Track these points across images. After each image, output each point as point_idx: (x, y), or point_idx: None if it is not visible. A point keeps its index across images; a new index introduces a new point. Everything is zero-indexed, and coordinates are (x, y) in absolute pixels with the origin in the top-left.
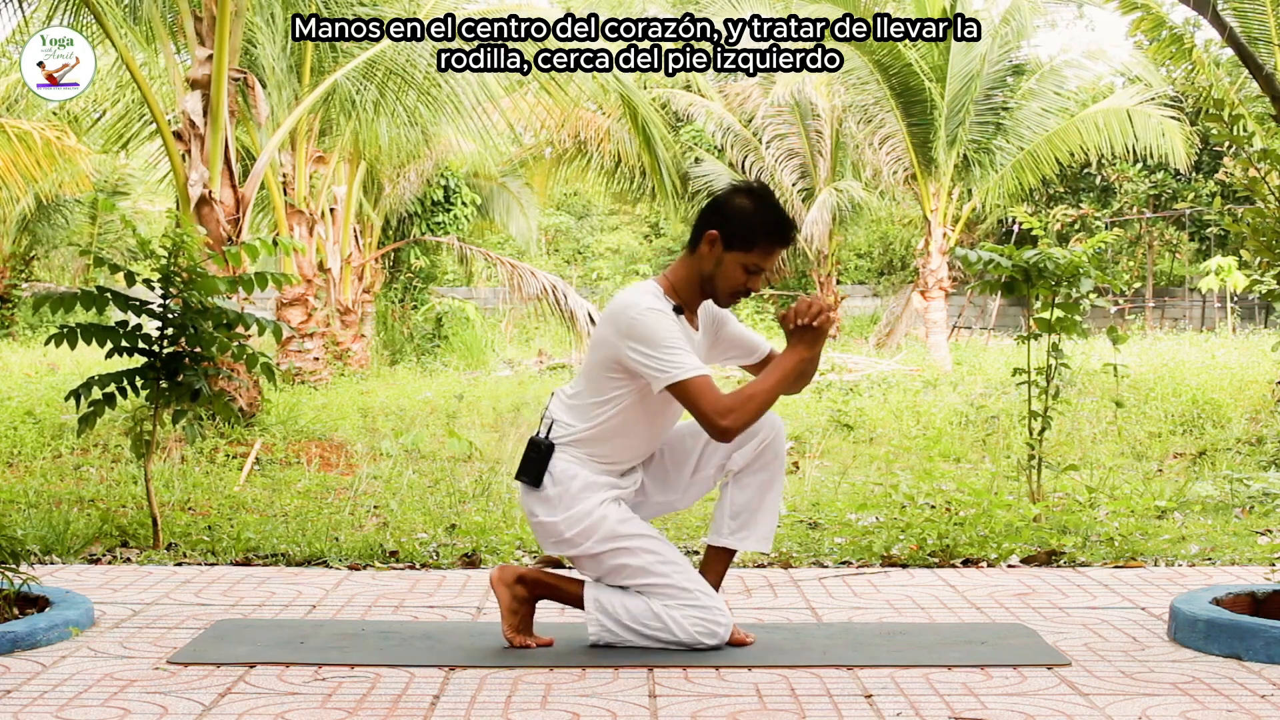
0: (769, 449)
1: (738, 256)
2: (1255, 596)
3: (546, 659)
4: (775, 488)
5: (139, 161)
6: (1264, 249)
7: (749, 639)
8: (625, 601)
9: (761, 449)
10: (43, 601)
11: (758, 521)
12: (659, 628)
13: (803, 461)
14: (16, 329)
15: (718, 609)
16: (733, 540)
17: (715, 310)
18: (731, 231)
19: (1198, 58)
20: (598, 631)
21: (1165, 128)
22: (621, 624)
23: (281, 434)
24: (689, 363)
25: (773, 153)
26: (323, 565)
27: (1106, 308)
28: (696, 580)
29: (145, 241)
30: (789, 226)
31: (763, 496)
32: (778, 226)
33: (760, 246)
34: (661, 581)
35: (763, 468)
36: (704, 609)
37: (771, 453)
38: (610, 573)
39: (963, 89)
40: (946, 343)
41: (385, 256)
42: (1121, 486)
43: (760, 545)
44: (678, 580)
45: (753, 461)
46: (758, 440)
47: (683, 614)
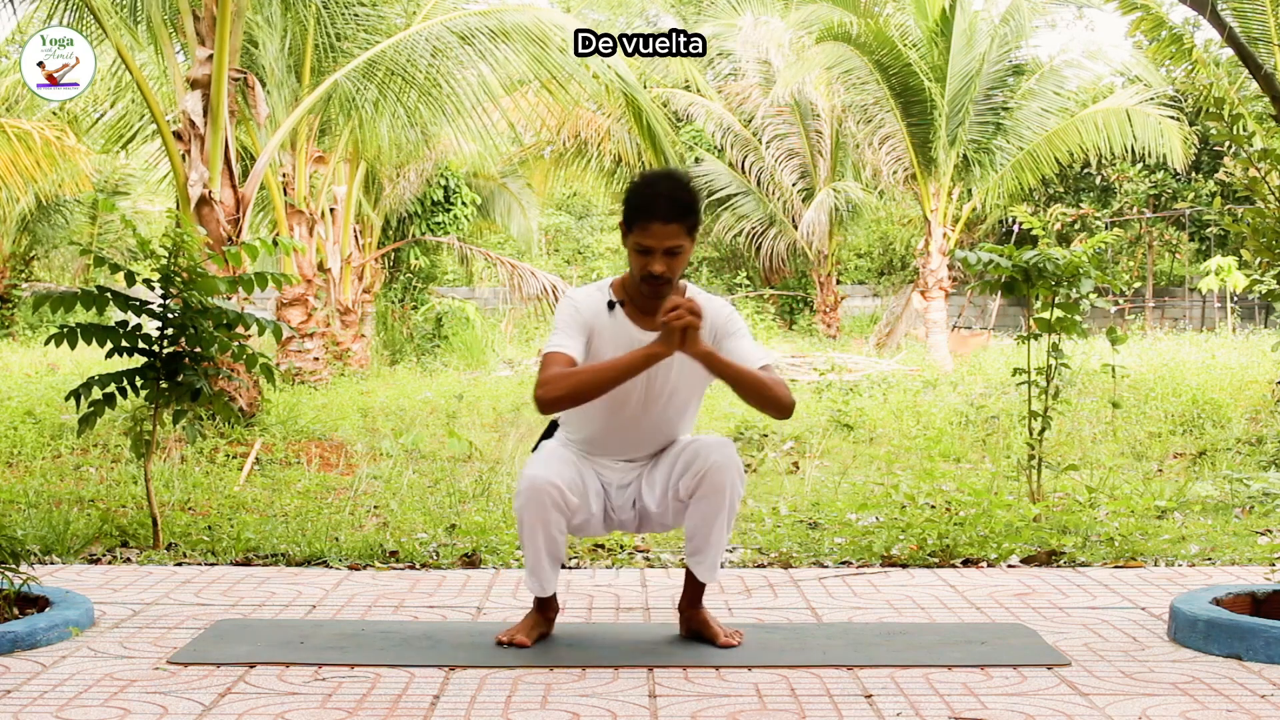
0: (706, 481)
1: (631, 240)
2: (1255, 596)
3: (546, 659)
4: (719, 521)
5: (139, 161)
6: (1264, 249)
7: (734, 639)
8: None
9: (699, 480)
10: (43, 601)
11: (706, 550)
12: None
13: (803, 461)
14: (16, 329)
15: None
16: (689, 562)
17: (719, 322)
18: (623, 216)
19: (1197, 58)
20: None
21: (1164, 127)
22: None
23: (281, 434)
24: (555, 340)
25: (773, 153)
26: (323, 565)
27: (1106, 308)
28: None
29: (145, 241)
30: (657, 198)
31: (708, 527)
32: (646, 200)
33: (639, 224)
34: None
35: (702, 498)
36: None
37: (709, 485)
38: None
39: (962, 89)
40: (946, 343)
41: (385, 256)
42: (1121, 486)
43: (706, 576)
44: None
45: (694, 491)
46: (694, 471)
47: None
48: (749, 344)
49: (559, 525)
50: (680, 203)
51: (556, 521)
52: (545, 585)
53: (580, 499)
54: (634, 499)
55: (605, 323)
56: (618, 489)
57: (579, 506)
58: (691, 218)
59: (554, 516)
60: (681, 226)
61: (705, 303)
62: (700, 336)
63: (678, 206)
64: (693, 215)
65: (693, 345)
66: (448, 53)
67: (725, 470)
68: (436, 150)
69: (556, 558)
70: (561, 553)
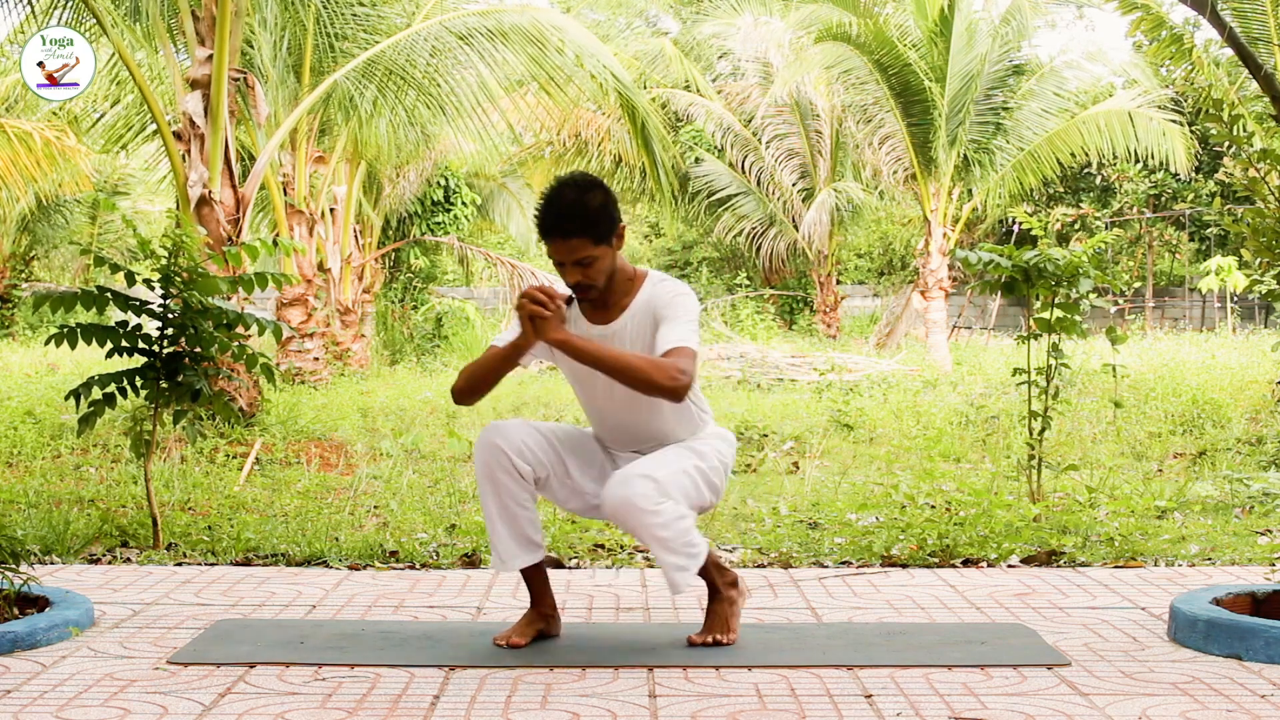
0: (605, 510)
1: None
2: (1255, 596)
3: (546, 659)
4: (652, 547)
5: (139, 161)
6: (1264, 249)
7: (724, 639)
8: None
9: (601, 508)
10: (43, 601)
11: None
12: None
13: (803, 461)
14: (16, 329)
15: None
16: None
17: (659, 306)
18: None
19: (1197, 58)
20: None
21: (1166, 130)
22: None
23: (281, 434)
24: (500, 334)
25: (772, 153)
26: (323, 565)
27: (1106, 308)
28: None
29: (145, 241)
30: (550, 217)
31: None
32: (542, 219)
33: (543, 241)
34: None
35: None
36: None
37: (609, 512)
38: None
39: (963, 89)
40: (946, 343)
41: (385, 256)
42: (1121, 486)
43: (670, 589)
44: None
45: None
46: (603, 511)
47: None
48: (674, 329)
49: (514, 495)
50: (574, 218)
51: (509, 490)
52: (505, 559)
53: (539, 464)
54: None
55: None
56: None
57: (539, 471)
58: (591, 230)
59: (505, 483)
60: (584, 239)
61: (659, 286)
62: (548, 326)
63: (571, 223)
64: (592, 227)
65: (543, 333)
66: (447, 53)
67: (616, 509)
68: (436, 150)
69: (518, 531)
70: (526, 528)
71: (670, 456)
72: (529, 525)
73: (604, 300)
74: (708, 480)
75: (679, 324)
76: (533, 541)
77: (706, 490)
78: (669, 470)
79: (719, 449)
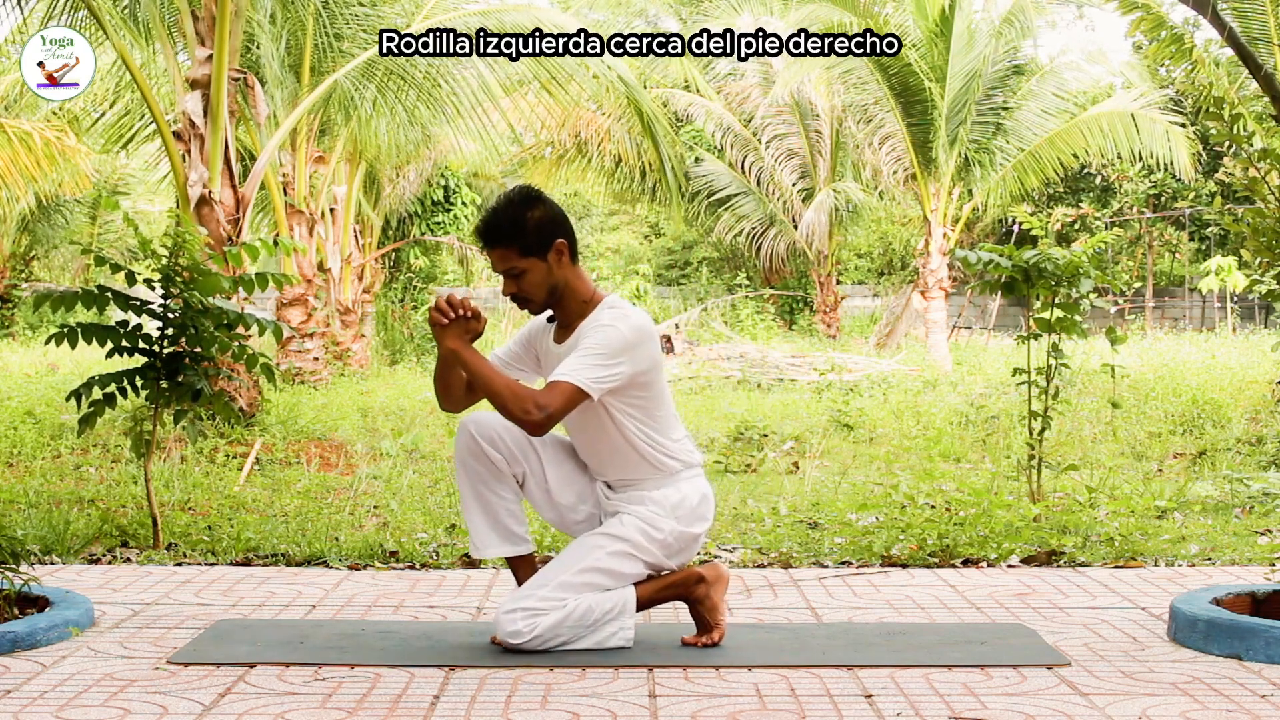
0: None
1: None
2: (1255, 596)
3: (546, 659)
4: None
5: (139, 161)
6: (1264, 249)
7: (713, 638)
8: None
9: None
10: (43, 601)
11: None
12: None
13: (803, 461)
14: (16, 329)
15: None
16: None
17: (582, 335)
18: None
19: (1198, 58)
20: None
21: (1170, 132)
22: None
23: (281, 434)
24: (497, 350)
25: (772, 153)
26: (323, 565)
27: (1106, 308)
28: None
29: (146, 241)
30: (480, 226)
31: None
32: (476, 227)
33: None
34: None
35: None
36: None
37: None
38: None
39: (963, 89)
40: (946, 343)
41: (385, 256)
42: (1121, 486)
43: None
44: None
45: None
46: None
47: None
48: (570, 361)
49: (483, 479)
50: (500, 228)
51: (478, 474)
52: (478, 544)
53: (508, 458)
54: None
55: (539, 332)
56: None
57: (512, 466)
58: (519, 241)
59: (474, 467)
60: (508, 250)
61: (603, 315)
62: (446, 334)
63: (498, 232)
64: (520, 238)
65: (439, 340)
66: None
67: (513, 647)
68: (436, 150)
69: (493, 517)
70: (502, 516)
71: (571, 556)
72: (508, 516)
73: (565, 320)
74: (638, 548)
75: (579, 357)
76: (513, 533)
77: (643, 556)
78: (565, 575)
79: (651, 517)
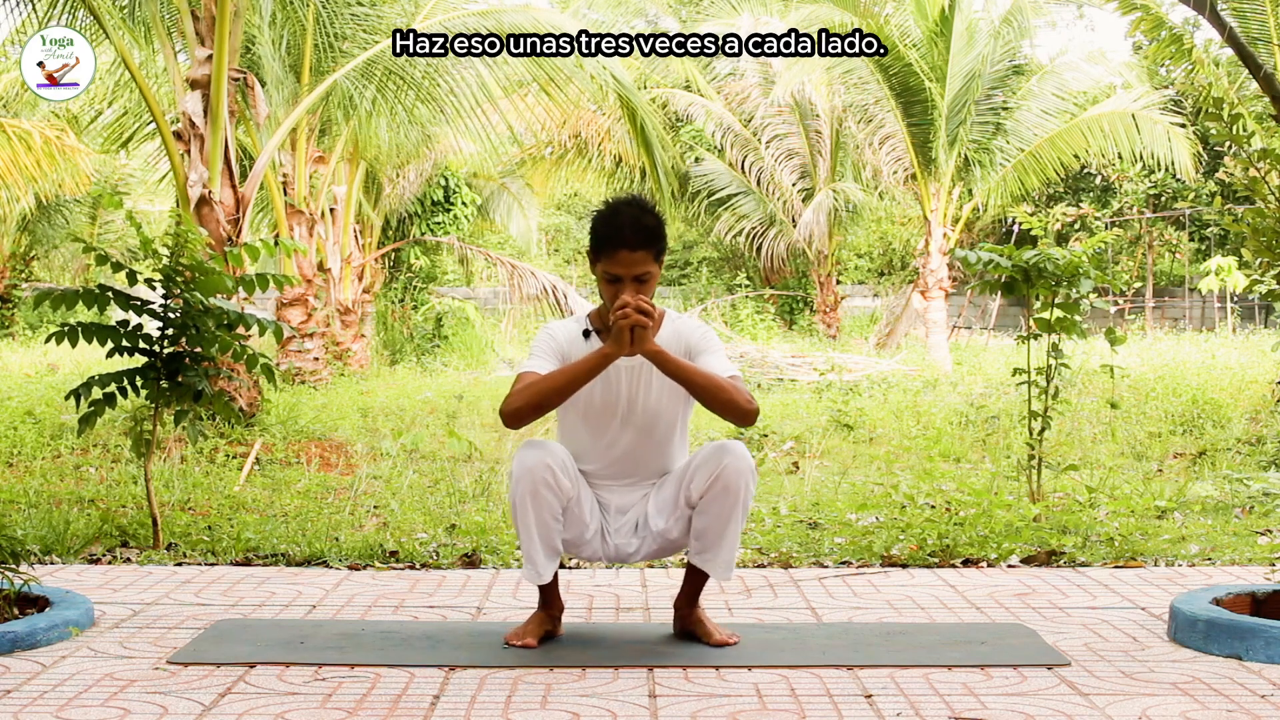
0: (718, 481)
1: (600, 268)
2: (1255, 596)
3: (546, 659)
4: (733, 522)
5: (139, 161)
6: (1264, 249)
7: (732, 639)
8: None
9: (711, 480)
10: (43, 601)
11: (719, 548)
12: None
13: (803, 461)
14: (16, 329)
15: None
16: (697, 560)
17: (694, 340)
18: (591, 245)
19: (1197, 58)
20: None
21: (1171, 133)
22: None
23: (281, 434)
24: (528, 363)
25: (772, 153)
26: (323, 565)
27: (1106, 308)
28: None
29: (148, 240)
30: (623, 227)
31: (722, 527)
32: (612, 229)
33: (606, 252)
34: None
35: (714, 499)
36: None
37: (721, 485)
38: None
39: (963, 89)
40: (946, 343)
41: (385, 256)
42: (1121, 486)
43: (720, 574)
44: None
45: (705, 492)
46: (707, 471)
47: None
48: (719, 359)
49: (552, 509)
50: (646, 229)
51: (549, 503)
52: (541, 571)
53: (573, 483)
54: (636, 522)
55: (580, 349)
56: (616, 512)
57: (571, 491)
58: (658, 243)
59: (546, 497)
60: (648, 253)
61: (679, 322)
62: (648, 336)
63: (643, 233)
64: (659, 241)
65: (640, 345)
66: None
67: (740, 472)
68: (436, 150)
69: (551, 544)
70: (556, 540)
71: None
72: (557, 536)
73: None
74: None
75: (720, 355)
76: (557, 550)
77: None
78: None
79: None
